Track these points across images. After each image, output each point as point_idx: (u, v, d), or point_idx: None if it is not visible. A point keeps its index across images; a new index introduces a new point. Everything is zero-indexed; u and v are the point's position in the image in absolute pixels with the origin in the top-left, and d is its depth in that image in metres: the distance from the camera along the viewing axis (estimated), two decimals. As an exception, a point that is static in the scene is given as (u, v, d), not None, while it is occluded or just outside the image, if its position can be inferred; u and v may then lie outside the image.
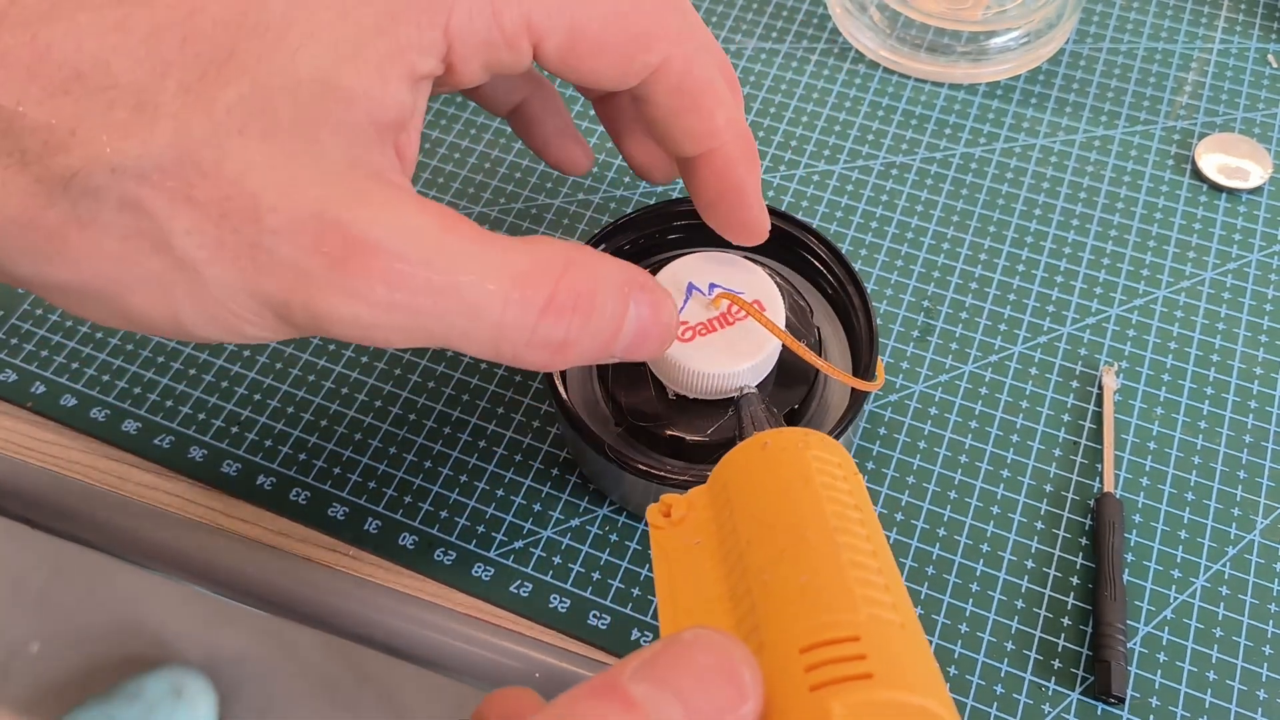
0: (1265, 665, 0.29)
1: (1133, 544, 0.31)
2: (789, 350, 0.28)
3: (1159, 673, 0.29)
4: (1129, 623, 0.30)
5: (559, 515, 0.32)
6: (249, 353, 0.35)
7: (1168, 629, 0.30)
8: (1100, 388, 0.34)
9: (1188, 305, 0.36)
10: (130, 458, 0.34)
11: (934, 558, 0.31)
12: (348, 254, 0.20)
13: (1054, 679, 0.29)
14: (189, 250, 0.20)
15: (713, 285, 0.29)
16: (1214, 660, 0.29)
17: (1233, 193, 0.39)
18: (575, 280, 0.22)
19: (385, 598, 0.31)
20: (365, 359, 0.35)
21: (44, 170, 0.19)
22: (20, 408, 0.35)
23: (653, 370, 0.30)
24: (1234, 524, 0.32)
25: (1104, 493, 0.32)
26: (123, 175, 0.19)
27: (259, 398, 0.34)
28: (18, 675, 0.97)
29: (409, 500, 0.32)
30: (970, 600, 0.30)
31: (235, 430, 0.34)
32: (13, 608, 1.01)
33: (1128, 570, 0.31)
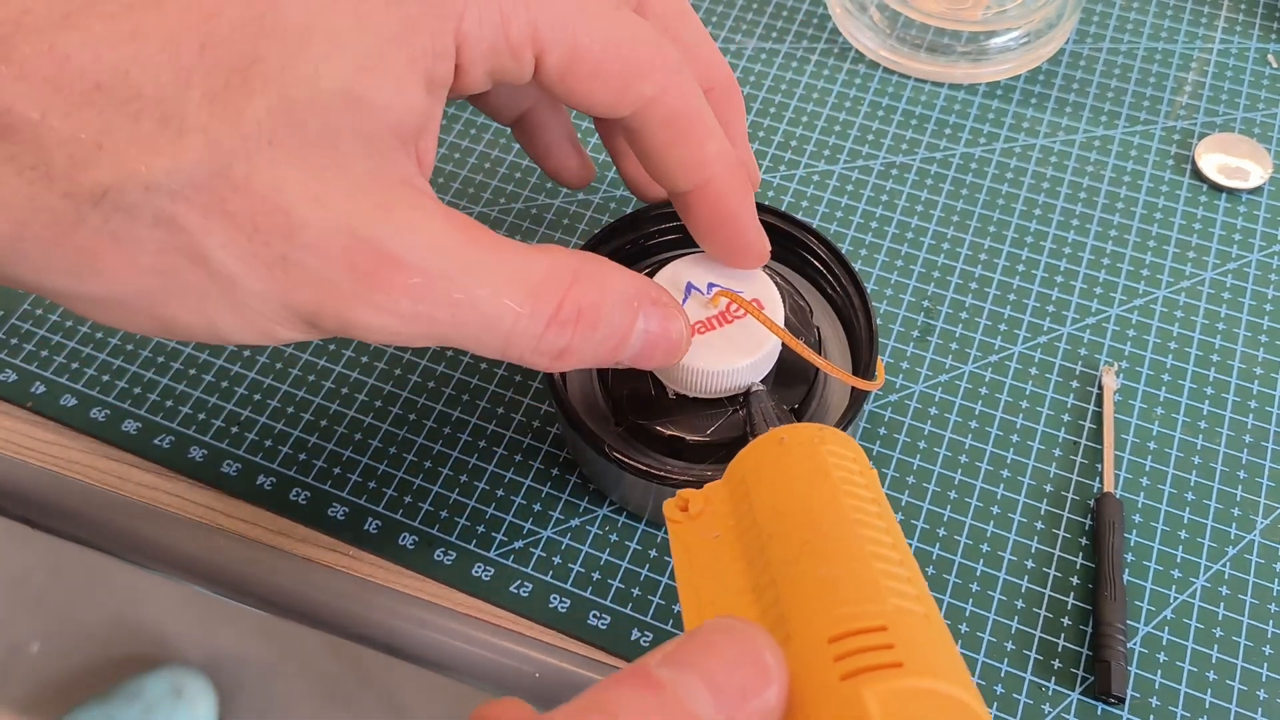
0: (1265, 665, 0.29)
1: (1133, 544, 0.31)
2: (789, 350, 0.28)
3: (1159, 673, 0.29)
4: (1129, 623, 0.30)
5: (559, 515, 0.32)
6: (249, 353, 0.35)
7: (1168, 629, 0.30)
8: (1100, 388, 0.34)
9: (1188, 305, 0.36)
10: (130, 458, 0.34)
11: (934, 558, 0.31)
12: (375, 268, 0.21)
13: (1054, 679, 0.29)
14: (225, 263, 0.20)
15: (711, 285, 0.29)
16: (1214, 660, 0.29)
17: (1233, 193, 0.39)
18: (581, 293, 0.23)
19: (385, 598, 0.31)
20: (365, 359, 0.35)
21: (72, 186, 0.19)
22: (20, 408, 0.35)
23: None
24: (1234, 524, 0.32)
25: (1104, 493, 0.32)
26: (156, 192, 0.19)
27: (259, 398, 0.34)
28: (18, 675, 0.97)
29: (409, 500, 0.32)
30: (970, 600, 0.30)
31: (235, 430, 0.34)
32: (13, 608, 1.01)
33: (1128, 570, 0.31)
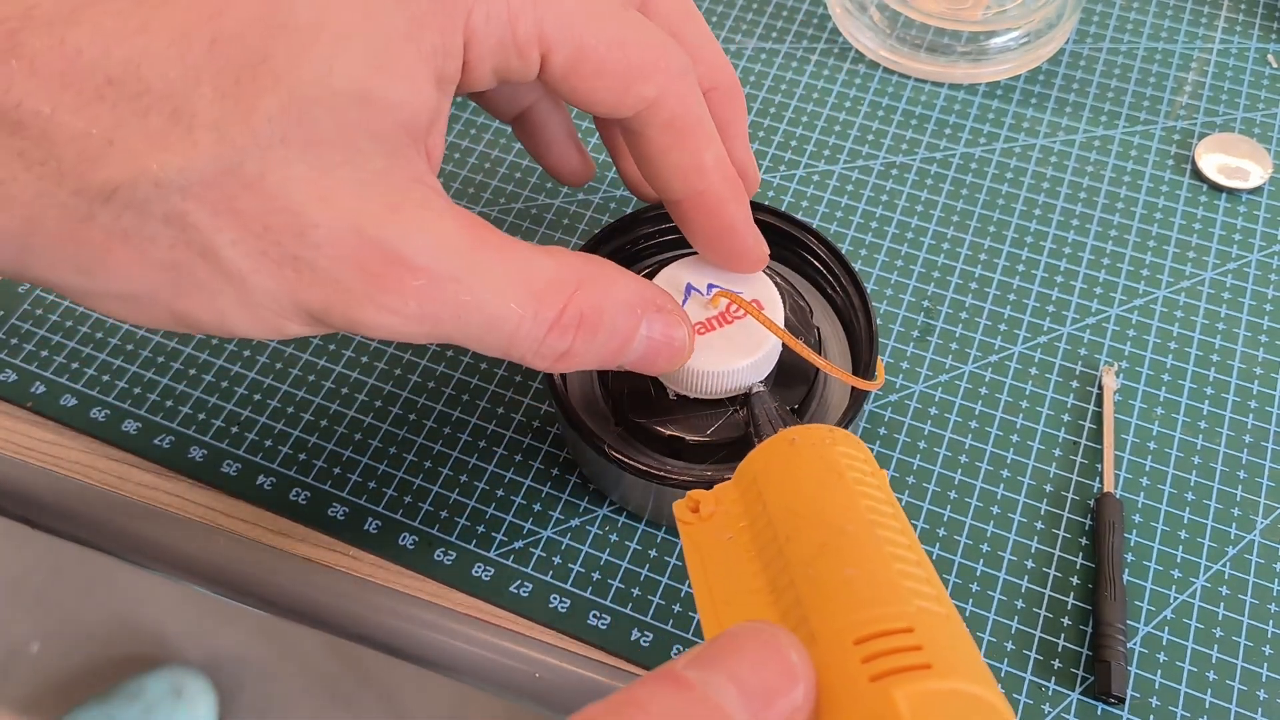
0: (1265, 665, 0.29)
1: (1133, 544, 0.31)
2: (789, 350, 0.28)
3: (1159, 673, 0.29)
4: (1129, 623, 0.30)
5: (559, 515, 0.32)
6: (249, 353, 0.35)
7: (1168, 629, 0.30)
8: (1100, 388, 0.34)
9: (1188, 305, 0.36)
10: (130, 458, 0.34)
11: (934, 558, 0.31)
12: (384, 270, 0.21)
13: (1054, 679, 0.29)
14: (235, 260, 0.20)
15: (711, 286, 0.29)
16: (1214, 660, 0.29)
17: (1233, 193, 0.39)
18: (585, 298, 0.24)
19: (385, 598, 0.31)
20: (365, 359, 0.35)
21: (82, 183, 0.19)
22: (20, 408, 0.35)
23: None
24: (1234, 524, 0.32)
25: (1104, 493, 0.32)
26: (167, 189, 0.19)
27: (259, 398, 0.34)
28: (18, 675, 0.97)
29: (409, 500, 0.32)
30: (970, 600, 0.30)
31: (235, 430, 0.34)
32: (13, 608, 1.01)
33: (1128, 570, 0.31)
